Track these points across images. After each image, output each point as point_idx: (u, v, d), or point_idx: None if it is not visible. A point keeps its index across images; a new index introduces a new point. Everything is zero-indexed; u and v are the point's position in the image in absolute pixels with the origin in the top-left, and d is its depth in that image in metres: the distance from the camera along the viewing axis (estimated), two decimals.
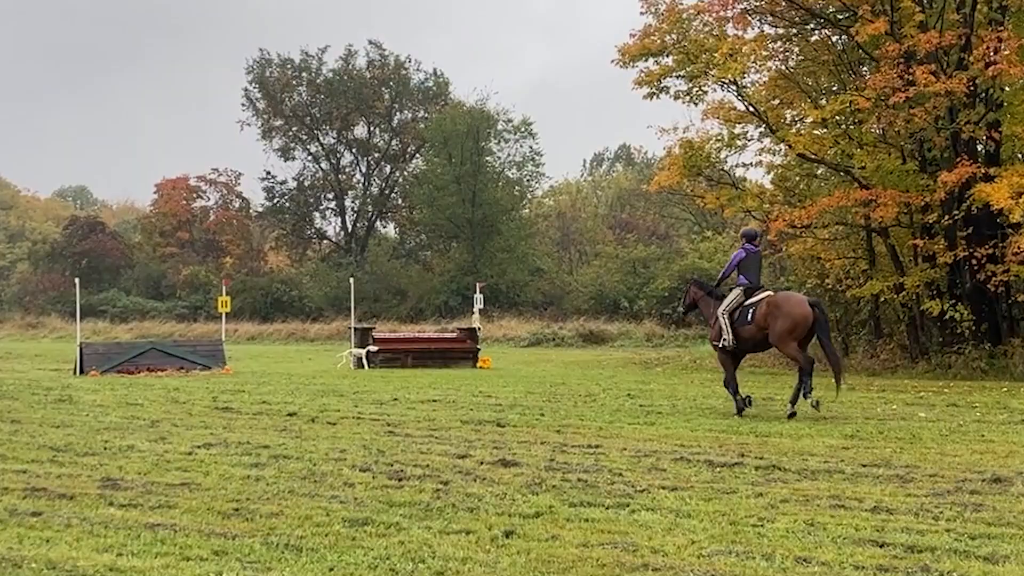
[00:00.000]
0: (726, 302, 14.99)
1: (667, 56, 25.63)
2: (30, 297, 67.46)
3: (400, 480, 9.10)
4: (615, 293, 50.27)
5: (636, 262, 51.78)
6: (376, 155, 68.21)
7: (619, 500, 8.20)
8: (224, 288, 28.89)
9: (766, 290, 15.01)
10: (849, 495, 8.46)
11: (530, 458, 10.31)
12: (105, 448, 11.12)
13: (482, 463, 10.01)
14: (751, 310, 14.63)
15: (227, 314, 29.39)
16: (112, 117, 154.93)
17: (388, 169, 68.61)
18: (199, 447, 11.11)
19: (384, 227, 71.32)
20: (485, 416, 14.33)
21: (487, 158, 57.80)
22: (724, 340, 14.95)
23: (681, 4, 25.51)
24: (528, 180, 61.00)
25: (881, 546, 6.78)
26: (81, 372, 23.36)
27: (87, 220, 73.17)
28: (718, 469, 9.72)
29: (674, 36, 25.29)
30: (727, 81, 24.97)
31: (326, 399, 17.08)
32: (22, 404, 16.28)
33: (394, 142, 67.86)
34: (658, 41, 25.29)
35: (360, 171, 69.11)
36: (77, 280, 26.79)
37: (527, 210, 61.74)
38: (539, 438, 11.93)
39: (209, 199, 73.29)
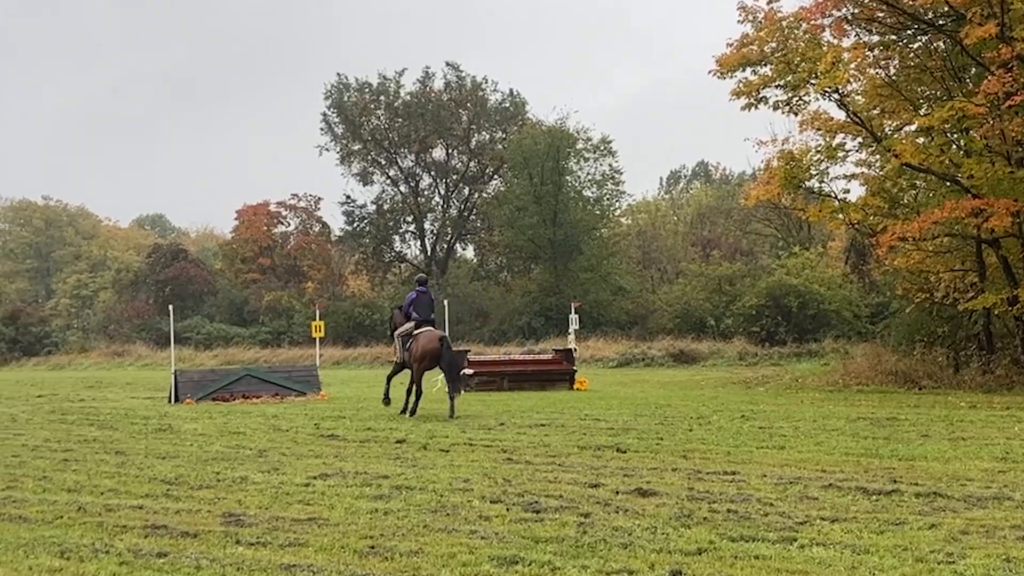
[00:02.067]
0: (401, 329, 19.13)
1: (765, 66, 24.87)
2: (115, 325, 68.03)
3: (537, 512, 8.54)
4: (701, 311, 49.22)
5: (721, 279, 50.70)
6: (455, 177, 67.94)
7: (782, 534, 7.54)
8: (317, 312, 28.60)
9: (427, 327, 18.68)
10: None
11: (667, 487, 9.70)
12: (219, 480, 10.70)
13: (618, 493, 9.42)
14: (411, 341, 18.60)
15: (312, 339, 29.11)
16: (189, 145, 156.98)
17: (467, 191, 68.34)
18: (315, 478, 10.64)
19: (463, 249, 71.07)
20: (601, 441, 13.72)
21: (567, 177, 57.19)
22: (397, 357, 19.52)
23: (780, 12, 24.74)
24: (608, 199, 60.16)
25: None
26: (176, 400, 23.08)
27: (170, 247, 73.61)
28: (875, 497, 9.03)
29: (773, 45, 24.48)
30: (829, 90, 24.14)
31: (431, 425, 16.59)
32: (123, 434, 16.00)
33: (472, 164, 67.60)
34: (757, 50, 24.51)
35: (439, 193, 68.91)
36: (171, 308, 26.66)
37: (606, 229, 60.81)
38: (668, 464, 11.28)
39: (289, 224, 73.38)
